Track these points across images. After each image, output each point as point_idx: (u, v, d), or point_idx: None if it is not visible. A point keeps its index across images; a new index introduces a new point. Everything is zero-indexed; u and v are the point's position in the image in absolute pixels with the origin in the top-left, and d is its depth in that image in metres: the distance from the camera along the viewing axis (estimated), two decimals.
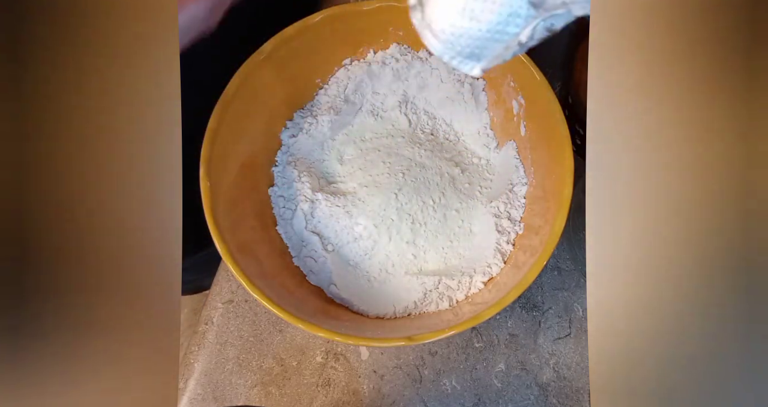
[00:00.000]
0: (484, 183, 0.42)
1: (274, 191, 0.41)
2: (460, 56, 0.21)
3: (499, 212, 0.40)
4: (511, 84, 0.40)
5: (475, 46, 0.20)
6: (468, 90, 0.42)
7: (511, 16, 0.19)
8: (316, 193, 0.40)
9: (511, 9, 0.19)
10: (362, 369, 0.43)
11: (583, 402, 0.42)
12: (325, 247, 0.40)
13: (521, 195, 0.41)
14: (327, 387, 0.43)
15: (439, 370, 0.43)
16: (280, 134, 0.42)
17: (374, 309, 0.39)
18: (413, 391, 0.43)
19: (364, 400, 0.43)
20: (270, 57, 0.38)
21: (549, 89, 0.37)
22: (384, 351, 0.44)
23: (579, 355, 0.43)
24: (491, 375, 0.43)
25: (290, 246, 0.41)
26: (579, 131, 0.43)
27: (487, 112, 0.43)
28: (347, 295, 0.39)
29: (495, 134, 0.43)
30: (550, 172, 0.38)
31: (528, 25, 0.20)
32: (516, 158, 0.41)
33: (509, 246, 0.40)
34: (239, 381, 0.44)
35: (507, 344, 0.43)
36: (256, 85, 0.39)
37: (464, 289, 0.39)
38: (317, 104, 0.43)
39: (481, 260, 0.39)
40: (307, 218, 0.40)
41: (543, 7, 0.19)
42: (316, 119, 0.42)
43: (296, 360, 0.44)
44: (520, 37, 0.20)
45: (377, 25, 0.41)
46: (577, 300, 0.44)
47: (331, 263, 0.40)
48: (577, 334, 0.43)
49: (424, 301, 0.39)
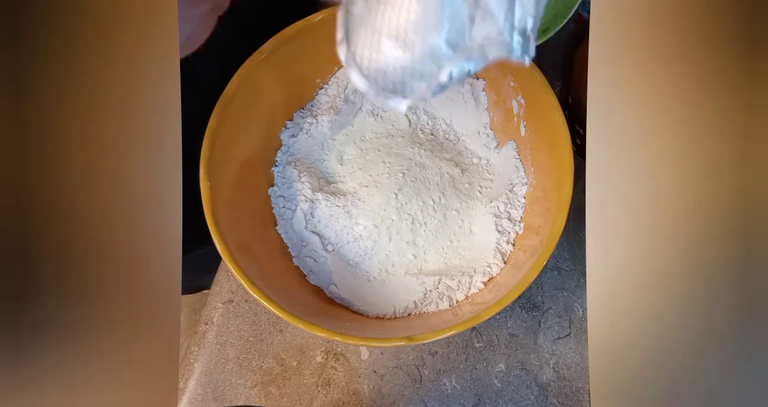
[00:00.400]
0: (484, 183, 0.42)
1: (274, 191, 0.41)
2: (385, 92, 0.22)
3: (499, 212, 0.40)
4: (511, 84, 0.40)
5: (398, 82, 0.21)
6: (468, 90, 0.42)
7: (429, 54, 0.20)
8: (316, 193, 0.40)
9: (431, 48, 0.20)
10: (362, 369, 0.43)
11: (583, 402, 0.42)
12: (325, 247, 0.40)
13: (521, 195, 0.41)
14: (327, 387, 0.43)
15: (439, 370, 0.43)
16: (280, 134, 0.42)
17: (374, 309, 0.39)
18: (413, 391, 0.43)
19: (364, 400, 0.43)
20: (270, 57, 0.38)
21: (549, 89, 0.37)
22: (384, 351, 0.44)
23: (579, 355, 0.43)
24: (491, 375, 0.43)
25: (290, 246, 0.41)
26: (579, 131, 0.43)
27: (487, 112, 0.43)
28: (347, 295, 0.39)
29: (495, 134, 0.43)
30: (550, 172, 0.38)
31: (446, 66, 0.20)
32: (516, 158, 0.41)
33: (509, 246, 0.40)
34: (239, 381, 0.44)
35: (507, 344, 0.43)
36: (256, 85, 0.39)
37: (464, 289, 0.39)
38: (317, 104, 0.43)
39: (481, 260, 0.39)
40: (307, 218, 0.40)
41: (460, 49, 0.20)
42: (316, 119, 0.42)
43: (296, 360, 0.44)
44: (440, 77, 0.21)
45: None
46: (577, 300, 0.44)
47: (331, 263, 0.40)
48: (577, 334, 0.43)
49: (424, 301, 0.39)
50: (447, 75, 0.21)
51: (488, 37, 0.19)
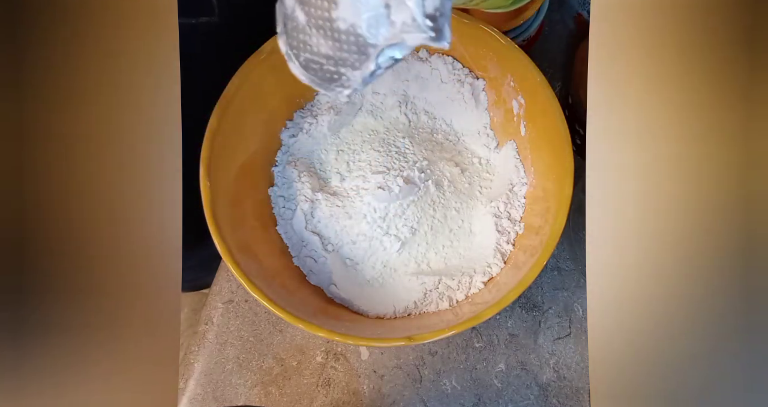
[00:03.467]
0: (484, 183, 0.42)
1: (274, 191, 0.41)
2: (324, 82, 0.23)
3: (499, 212, 0.40)
4: (511, 84, 0.40)
5: (334, 72, 0.22)
6: (468, 90, 0.42)
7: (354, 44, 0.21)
8: (316, 193, 0.40)
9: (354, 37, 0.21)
10: (362, 369, 0.43)
11: (583, 402, 0.42)
12: (325, 247, 0.40)
13: (521, 195, 0.41)
14: (327, 387, 0.43)
15: (439, 370, 0.43)
16: (280, 134, 0.42)
17: (374, 309, 0.39)
18: (413, 391, 0.43)
19: (364, 400, 0.43)
20: (270, 57, 0.38)
21: (549, 89, 0.37)
22: (384, 351, 0.44)
23: (579, 355, 0.43)
24: (491, 375, 0.43)
25: (290, 246, 0.41)
26: (579, 131, 0.43)
27: (487, 112, 0.43)
28: (347, 295, 0.39)
29: (495, 134, 0.43)
30: (550, 172, 0.38)
31: (372, 54, 0.21)
32: (516, 158, 0.41)
33: (509, 246, 0.40)
34: (239, 381, 0.44)
35: (507, 344, 0.43)
36: (256, 85, 0.39)
37: (464, 289, 0.39)
38: (317, 104, 0.43)
39: (481, 260, 0.39)
40: (307, 218, 0.40)
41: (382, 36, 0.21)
42: (316, 119, 0.42)
43: (296, 360, 0.44)
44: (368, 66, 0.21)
45: None
46: (577, 300, 0.44)
47: (331, 263, 0.40)
48: (577, 334, 0.43)
49: (424, 301, 0.39)
50: (374, 63, 0.21)
51: (405, 23, 0.20)
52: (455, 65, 0.42)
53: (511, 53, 0.38)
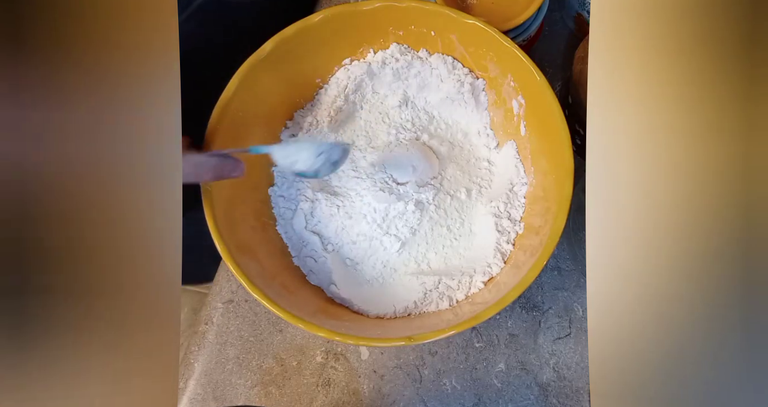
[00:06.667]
0: (484, 183, 0.42)
1: (274, 191, 0.41)
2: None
3: (499, 212, 0.40)
4: (511, 84, 0.40)
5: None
6: (468, 90, 0.42)
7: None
8: (316, 193, 0.40)
9: None
10: (362, 369, 0.43)
11: (583, 402, 0.42)
12: (325, 247, 0.40)
13: (521, 195, 0.41)
14: (327, 387, 0.43)
15: (439, 370, 0.43)
16: (280, 134, 0.42)
17: (374, 308, 0.39)
18: (413, 391, 0.43)
19: (364, 400, 0.43)
20: (270, 57, 0.38)
21: (549, 89, 0.37)
22: (384, 351, 0.44)
23: (579, 355, 0.43)
24: (491, 375, 0.43)
25: (290, 246, 0.41)
26: (579, 131, 0.43)
27: (487, 112, 0.43)
28: (347, 295, 0.39)
29: (495, 134, 0.43)
30: (550, 172, 0.38)
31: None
32: (516, 158, 0.41)
33: (509, 246, 0.40)
34: (239, 381, 0.44)
35: (507, 344, 0.43)
36: (256, 85, 0.39)
37: (464, 289, 0.39)
38: (317, 104, 0.43)
39: (481, 260, 0.39)
40: (307, 218, 0.40)
41: None
42: (316, 119, 0.42)
43: (296, 360, 0.44)
44: None
45: (377, 25, 0.41)
46: (577, 300, 0.44)
47: (331, 263, 0.40)
48: (577, 334, 0.43)
49: (424, 301, 0.39)
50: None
51: None
52: (455, 65, 0.42)
53: (511, 53, 0.38)
